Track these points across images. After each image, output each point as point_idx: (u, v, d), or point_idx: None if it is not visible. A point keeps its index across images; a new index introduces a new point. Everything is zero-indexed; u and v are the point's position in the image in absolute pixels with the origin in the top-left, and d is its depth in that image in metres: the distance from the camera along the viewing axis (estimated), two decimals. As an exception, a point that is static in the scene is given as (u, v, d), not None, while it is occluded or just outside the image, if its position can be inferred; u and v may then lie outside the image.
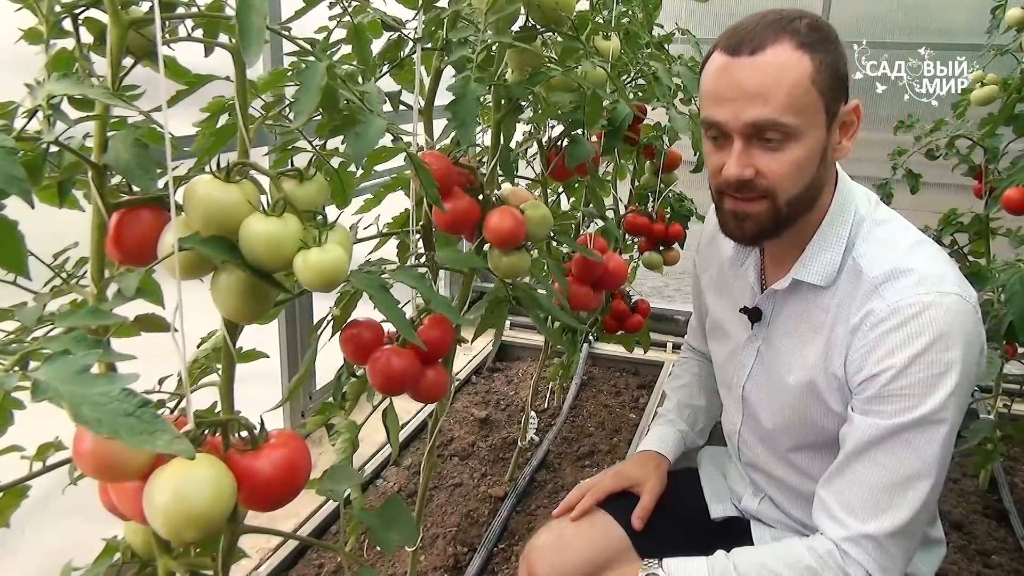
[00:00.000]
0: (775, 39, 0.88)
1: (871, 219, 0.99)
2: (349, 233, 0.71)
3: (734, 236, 0.99)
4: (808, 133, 0.89)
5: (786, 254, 1.03)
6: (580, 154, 1.16)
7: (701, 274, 1.27)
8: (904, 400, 0.88)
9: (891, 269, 0.92)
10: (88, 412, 0.44)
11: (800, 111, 0.88)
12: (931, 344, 0.87)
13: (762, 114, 0.87)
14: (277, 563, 1.71)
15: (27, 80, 0.64)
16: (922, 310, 0.88)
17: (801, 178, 0.91)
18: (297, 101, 0.69)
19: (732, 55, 0.90)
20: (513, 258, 1.10)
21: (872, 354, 0.90)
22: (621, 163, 2.07)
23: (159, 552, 0.66)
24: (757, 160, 0.90)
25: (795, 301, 1.03)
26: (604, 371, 2.87)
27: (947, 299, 0.88)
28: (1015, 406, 2.02)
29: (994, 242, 2.01)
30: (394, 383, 0.97)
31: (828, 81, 0.89)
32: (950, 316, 0.87)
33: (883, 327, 0.90)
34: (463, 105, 0.94)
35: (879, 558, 0.89)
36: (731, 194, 0.94)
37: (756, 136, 0.89)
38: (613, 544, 1.16)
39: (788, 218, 0.94)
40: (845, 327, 0.95)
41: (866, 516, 0.90)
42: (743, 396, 1.13)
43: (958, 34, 2.94)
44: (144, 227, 0.66)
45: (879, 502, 0.90)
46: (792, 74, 0.87)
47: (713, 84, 0.92)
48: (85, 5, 0.67)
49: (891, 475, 0.89)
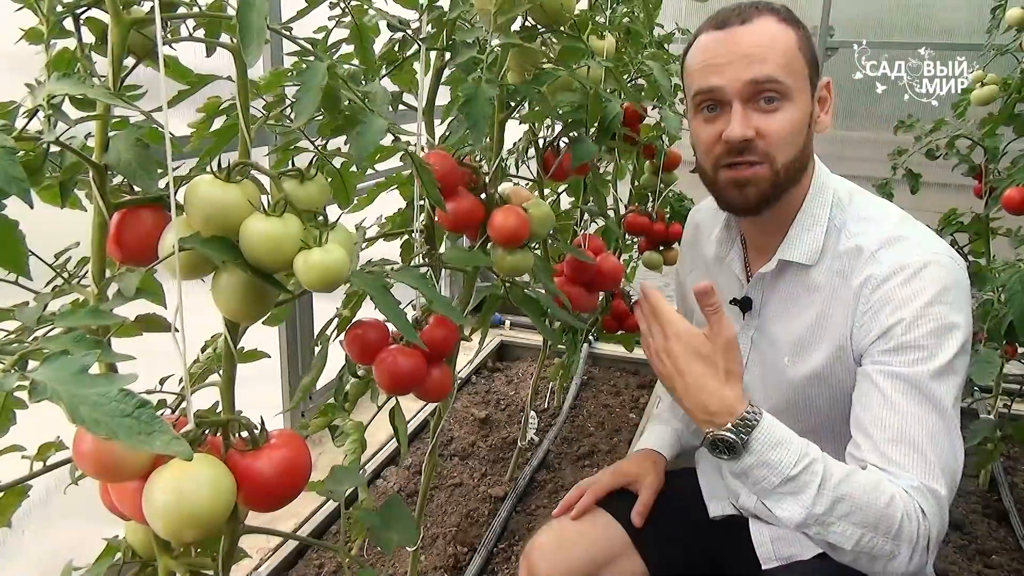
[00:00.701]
0: (759, 13, 0.95)
1: (851, 200, 1.03)
2: (350, 233, 0.71)
3: (736, 205, 1.01)
4: (799, 97, 0.95)
5: (769, 240, 1.05)
6: (584, 153, 1.16)
7: (685, 278, 1.29)
8: (920, 351, 0.89)
9: (886, 238, 0.96)
10: (86, 412, 0.44)
11: (792, 73, 0.94)
12: (937, 296, 0.89)
13: (762, 70, 0.92)
14: (277, 563, 1.71)
15: (28, 80, 0.64)
16: (923, 266, 0.91)
17: (796, 140, 0.96)
18: (298, 101, 0.69)
19: (721, 28, 0.96)
20: (517, 257, 1.11)
21: (880, 312, 0.92)
22: (621, 163, 2.07)
23: (159, 552, 0.66)
24: (756, 122, 0.94)
25: (783, 284, 1.05)
26: (604, 371, 2.87)
27: (943, 259, 0.92)
28: (1015, 406, 2.02)
29: (994, 242, 2.01)
30: (401, 383, 0.97)
31: (810, 53, 0.97)
32: (950, 274, 0.91)
33: (887, 285, 0.92)
34: (475, 106, 0.95)
35: (938, 513, 0.87)
36: (730, 163, 0.97)
37: (753, 98, 0.94)
38: (613, 542, 1.16)
39: (784, 183, 0.97)
40: (843, 300, 0.97)
41: (921, 471, 0.86)
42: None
43: (958, 34, 2.94)
44: (145, 227, 0.66)
45: (930, 457, 0.86)
46: (782, 40, 0.94)
47: (705, 56, 0.97)
48: (86, 5, 0.67)
49: (928, 427, 0.87)
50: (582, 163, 1.19)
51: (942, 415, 0.88)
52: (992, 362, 1.46)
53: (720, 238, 1.16)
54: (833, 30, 3.01)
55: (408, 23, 1.05)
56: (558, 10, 1.05)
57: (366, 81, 1.00)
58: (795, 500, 0.84)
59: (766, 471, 0.84)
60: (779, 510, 0.85)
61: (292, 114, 0.75)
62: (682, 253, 1.31)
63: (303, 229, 0.65)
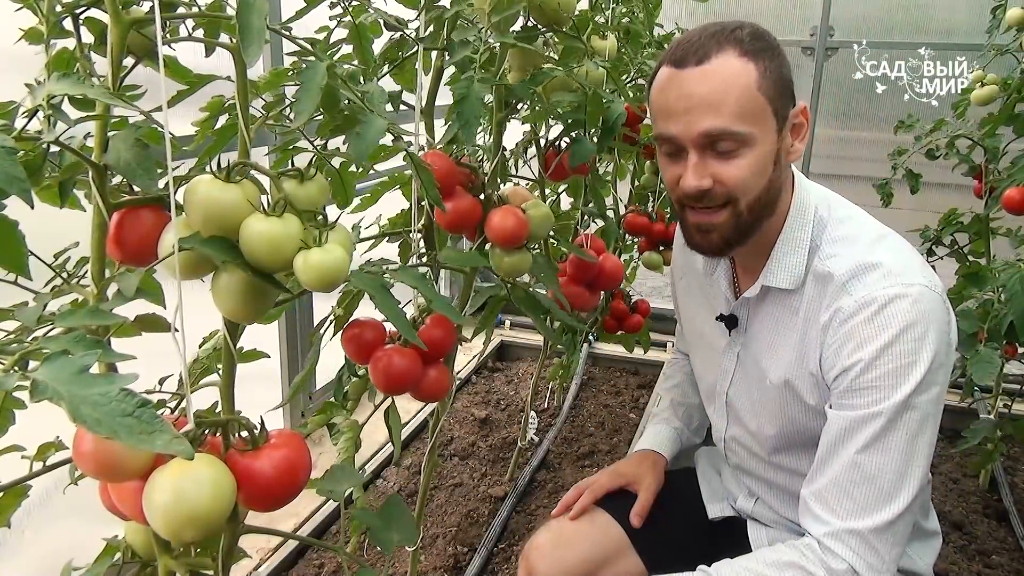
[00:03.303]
0: (719, 49, 0.89)
1: (832, 218, 1.00)
2: (350, 233, 0.71)
3: (700, 249, 1.00)
4: (760, 139, 0.91)
5: (754, 262, 1.04)
6: (583, 153, 1.16)
7: (677, 281, 1.29)
8: (874, 392, 0.88)
9: (856, 265, 0.93)
10: (87, 412, 0.44)
11: (750, 118, 0.89)
12: (898, 335, 0.88)
13: (715, 124, 0.88)
14: (277, 563, 1.71)
15: (27, 80, 0.64)
16: (887, 302, 0.89)
17: (758, 182, 0.92)
18: (298, 101, 0.69)
19: (678, 67, 0.91)
20: (515, 257, 1.11)
21: (842, 349, 0.91)
22: (621, 163, 2.07)
23: (159, 552, 0.66)
24: (713, 169, 0.91)
25: (767, 306, 1.04)
26: (604, 371, 2.87)
27: (913, 290, 0.89)
28: (1015, 406, 2.02)
29: (994, 242, 2.01)
30: (396, 383, 0.97)
31: (774, 87, 0.91)
32: (917, 307, 0.89)
33: (852, 323, 0.91)
34: (467, 105, 0.95)
35: (864, 553, 0.88)
36: (692, 206, 0.95)
37: (710, 146, 0.90)
38: (612, 542, 1.16)
39: (750, 224, 0.95)
40: (816, 327, 0.96)
41: (846, 513, 0.90)
42: (727, 402, 1.14)
43: (958, 34, 2.94)
44: (145, 227, 0.66)
45: (858, 498, 0.89)
46: (739, 82, 0.89)
47: (662, 99, 0.93)
48: (86, 5, 0.67)
49: (868, 469, 0.89)
50: (582, 163, 1.19)
51: (897, 455, 0.88)
52: (992, 362, 1.46)
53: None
54: (833, 30, 3.01)
55: (406, 23, 1.05)
56: (556, 10, 1.05)
57: (365, 81, 1.00)
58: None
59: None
60: None
61: (292, 114, 0.75)
62: (674, 257, 1.30)
63: (303, 229, 0.65)
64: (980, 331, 1.52)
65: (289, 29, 0.82)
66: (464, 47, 1.00)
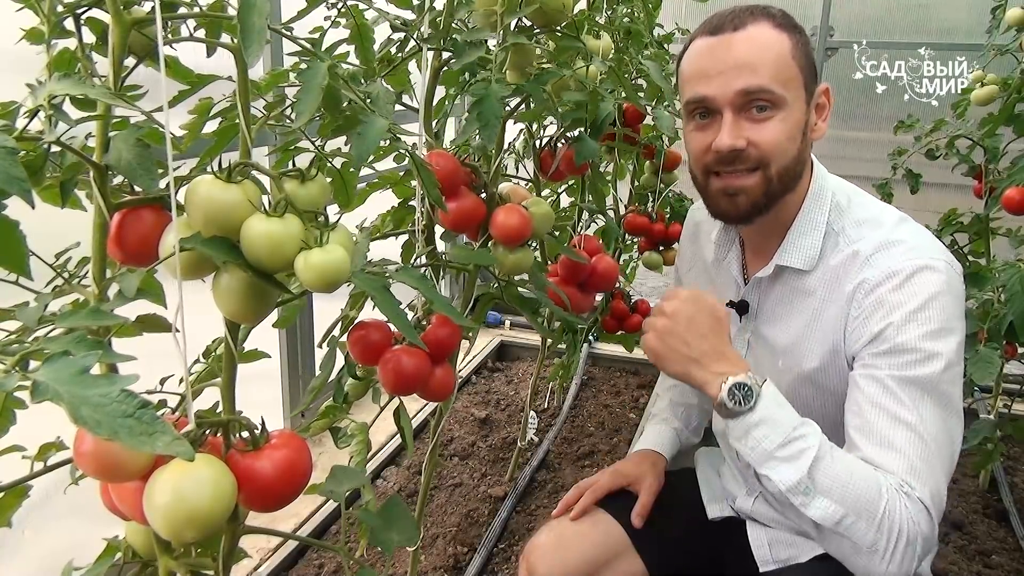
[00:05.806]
0: (754, 19, 0.93)
1: (853, 203, 1.02)
2: (350, 233, 0.71)
3: (727, 214, 1.01)
4: (792, 105, 0.93)
5: (767, 243, 1.05)
6: (587, 152, 1.17)
7: (684, 275, 1.29)
8: (910, 354, 0.89)
9: (881, 242, 0.95)
10: (87, 413, 0.44)
11: (785, 82, 0.92)
12: (929, 301, 0.89)
13: (752, 81, 0.91)
14: (277, 563, 1.71)
15: (29, 80, 0.64)
16: (916, 271, 0.91)
17: (790, 148, 0.95)
18: (299, 101, 0.69)
19: (714, 35, 0.94)
20: (518, 255, 1.12)
21: (872, 316, 0.92)
22: (621, 163, 2.07)
23: (160, 552, 0.66)
24: (747, 131, 0.93)
25: (779, 287, 1.05)
26: (604, 371, 2.87)
27: (939, 264, 0.92)
28: (1015, 406, 2.02)
29: (994, 242, 2.01)
30: (406, 383, 0.97)
31: (804, 59, 0.95)
32: (943, 279, 0.90)
33: (880, 290, 0.92)
34: (486, 106, 0.95)
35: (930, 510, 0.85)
36: (721, 171, 0.96)
37: (745, 107, 0.93)
38: (612, 543, 1.16)
39: (778, 192, 0.97)
40: (837, 304, 0.97)
41: (897, 470, 0.86)
42: None
43: (958, 34, 2.94)
44: (146, 227, 0.66)
45: (910, 458, 0.86)
46: (776, 47, 0.92)
47: (698, 63, 0.96)
48: (87, 5, 0.67)
49: (916, 427, 0.87)
50: (584, 162, 1.19)
51: (930, 419, 0.87)
52: (992, 362, 1.46)
53: (718, 240, 1.16)
54: (833, 30, 3.01)
55: (408, 24, 1.05)
56: (559, 10, 1.06)
57: (367, 81, 1.00)
58: (790, 465, 0.85)
59: (768, 430, 0.86)
60: (773, 474, 0.85)
61: (292, 114, 0.75)
62: (681, 249, 1.31)
63: (304, 229, 0.65)
64: (980, 331, 1.52)
65: (290, 29, 0.82)
66: (475, 48, 1.00)
